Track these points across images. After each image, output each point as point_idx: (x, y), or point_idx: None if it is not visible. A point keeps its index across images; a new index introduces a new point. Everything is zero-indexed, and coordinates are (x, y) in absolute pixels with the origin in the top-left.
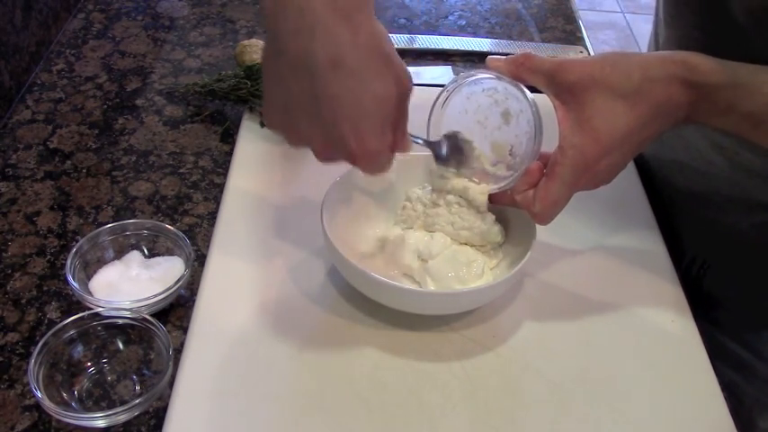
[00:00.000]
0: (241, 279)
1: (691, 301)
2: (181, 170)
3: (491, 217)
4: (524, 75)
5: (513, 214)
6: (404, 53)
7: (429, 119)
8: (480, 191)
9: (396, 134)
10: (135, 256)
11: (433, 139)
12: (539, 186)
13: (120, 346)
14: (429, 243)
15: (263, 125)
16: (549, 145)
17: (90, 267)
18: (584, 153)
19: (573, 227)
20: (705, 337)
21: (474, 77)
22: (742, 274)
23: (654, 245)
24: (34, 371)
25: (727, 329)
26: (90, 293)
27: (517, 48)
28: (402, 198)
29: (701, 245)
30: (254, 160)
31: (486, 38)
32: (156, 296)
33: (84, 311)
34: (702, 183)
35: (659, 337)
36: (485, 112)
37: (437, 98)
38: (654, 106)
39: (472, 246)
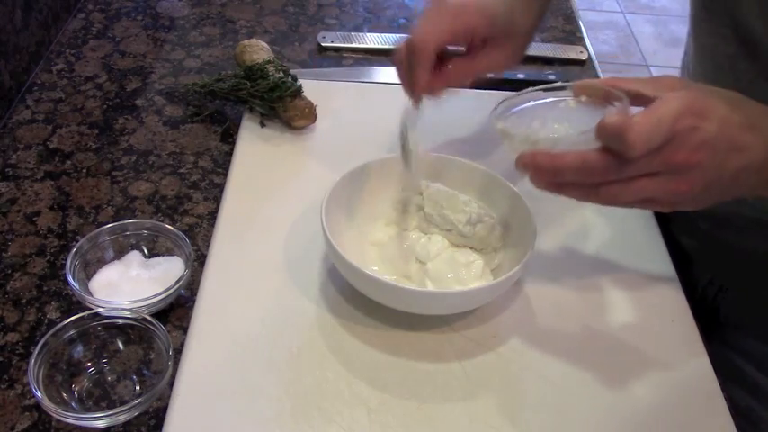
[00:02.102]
0: (241, 279)
1: (707, 324)
2: (181, 170)
3: (490, 221)
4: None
5: (513, 216)
6: None
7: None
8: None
9: None
10: (135, 256)
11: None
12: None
13: (120, 346)
14: (426, 245)
15: (263, 125)
16: None
17: (90, 267)
18: (690, 98)
19: (577, 240)
20: (721, 361)
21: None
22: (760, 299)
23: (659, 254)
24: (34, 371)
25: (744, 353)
26: (90, 293)
27: None
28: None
29: (719, 268)
30: (254, 160)
31: None
32: (156, 296)
33: (84, 311)
34: (724, 204)
35: (660, 338)
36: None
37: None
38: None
39: (471, 247)
